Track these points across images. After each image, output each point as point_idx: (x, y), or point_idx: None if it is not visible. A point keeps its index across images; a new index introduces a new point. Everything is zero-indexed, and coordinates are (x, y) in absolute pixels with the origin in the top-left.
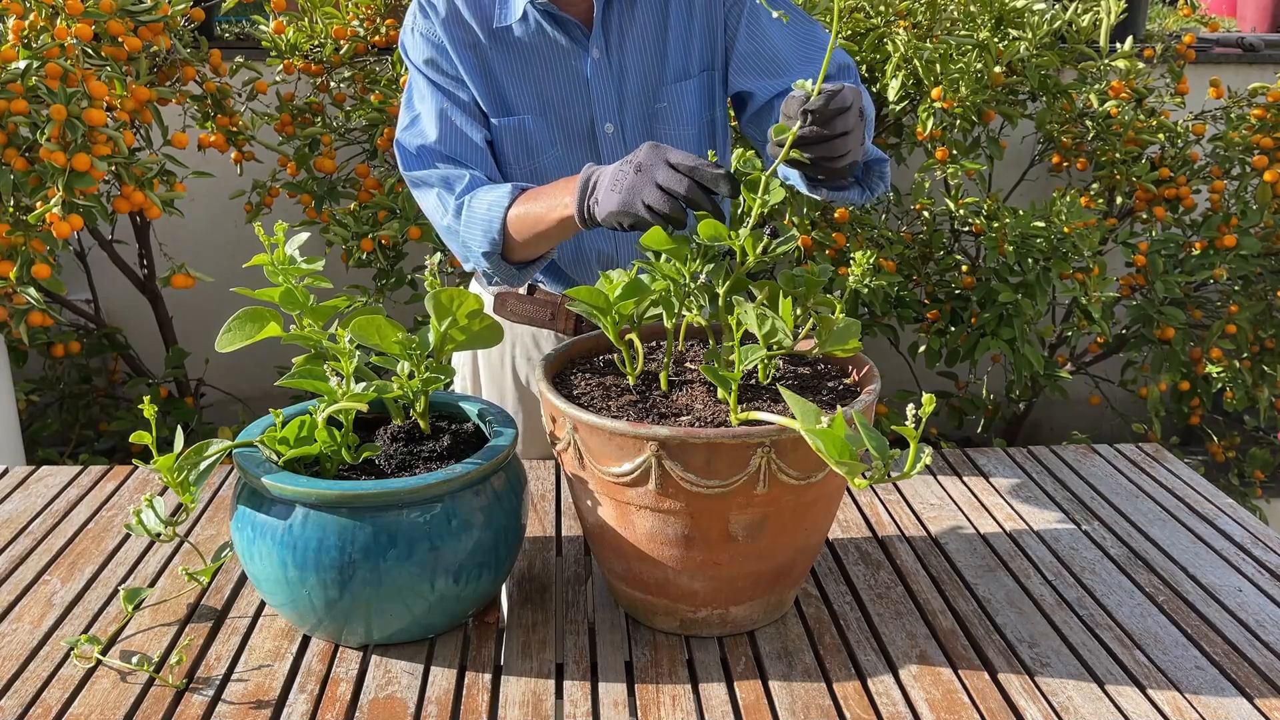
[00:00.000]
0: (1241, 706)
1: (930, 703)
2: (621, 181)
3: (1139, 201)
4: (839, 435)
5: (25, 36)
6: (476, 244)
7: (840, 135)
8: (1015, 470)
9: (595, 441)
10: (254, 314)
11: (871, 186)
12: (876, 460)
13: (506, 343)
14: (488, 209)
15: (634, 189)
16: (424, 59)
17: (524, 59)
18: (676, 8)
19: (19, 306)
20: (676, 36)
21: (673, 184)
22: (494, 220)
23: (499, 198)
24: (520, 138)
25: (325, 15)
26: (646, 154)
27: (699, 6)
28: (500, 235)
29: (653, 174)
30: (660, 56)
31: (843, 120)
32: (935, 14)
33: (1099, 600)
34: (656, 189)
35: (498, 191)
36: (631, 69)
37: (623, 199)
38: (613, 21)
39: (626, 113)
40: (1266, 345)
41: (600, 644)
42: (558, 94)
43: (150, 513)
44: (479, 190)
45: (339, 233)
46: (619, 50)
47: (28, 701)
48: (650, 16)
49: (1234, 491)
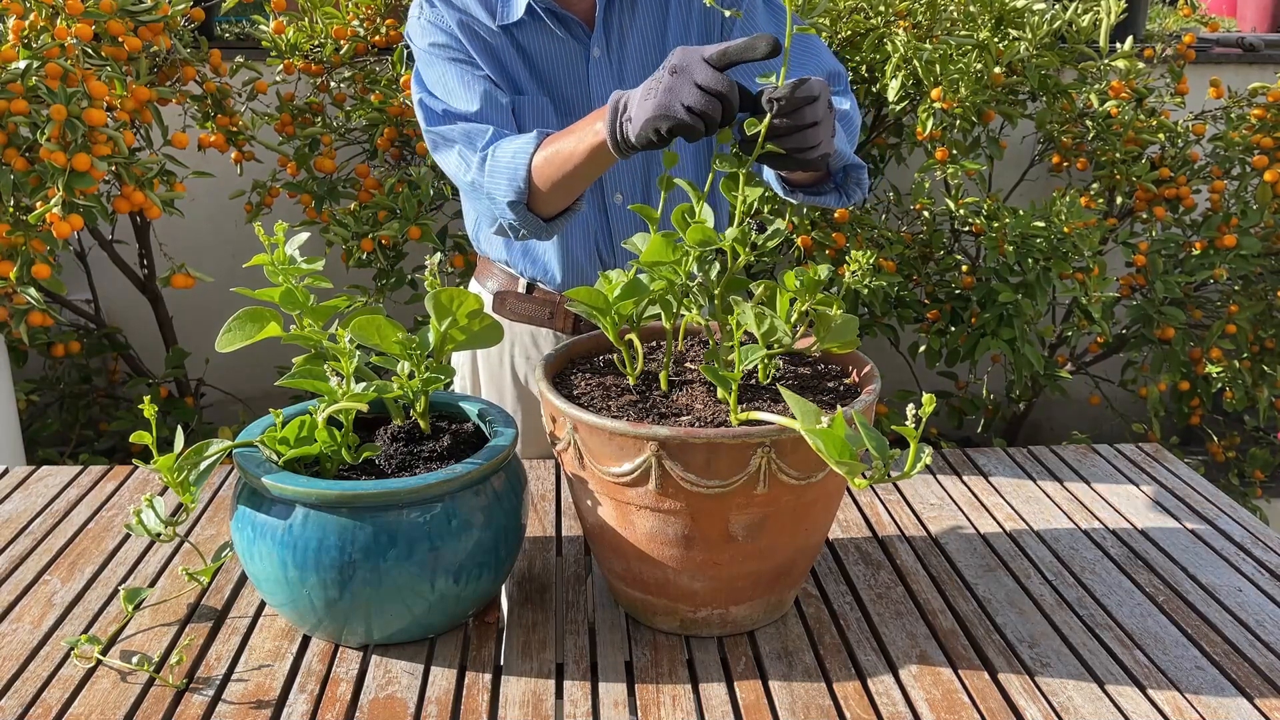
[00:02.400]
0: (1241, 706)
1: (930, 703)
2: (656, 88)
3: (1139, 201)
4: (839, 435)
5: (25, 36)
6: (501, 193)
7: (810, 125)
8: (1015, 470)
9: (595, 441)
10: (254, 314)
11: (849, 193)
12: (876, 460)
13: (506, 342)
14: (512, 156)
15: (671, 90)
16: (431, 42)
17: (528, 56)
18: (676, 8)
19: (19, 306)
20: (675, 38)
21: (712, 83)
22: (519, 167)
23: (524, 144)
24: (540, 117)
25: (325, 15)
26: (680, 56)
27: (698, 7)
28: (526, 183)
29: (691, 75)
30: (659, 57)
31: (811, 110)
32: (935, 14)
33: (1099, 600)
34: (696, 89)
35: (522, 139)
36: (631, 69)
37: (659, 102)
38: (614, 21)
39: None
40: (1266, 345)
41: (600, 644)
42: (560, 91)
43: (150, 513)
44: (502, 141)
45: (339, 233)
46: (619, 50)
47: (28, 701)
48: (650, 17)
49: (1234, 491)
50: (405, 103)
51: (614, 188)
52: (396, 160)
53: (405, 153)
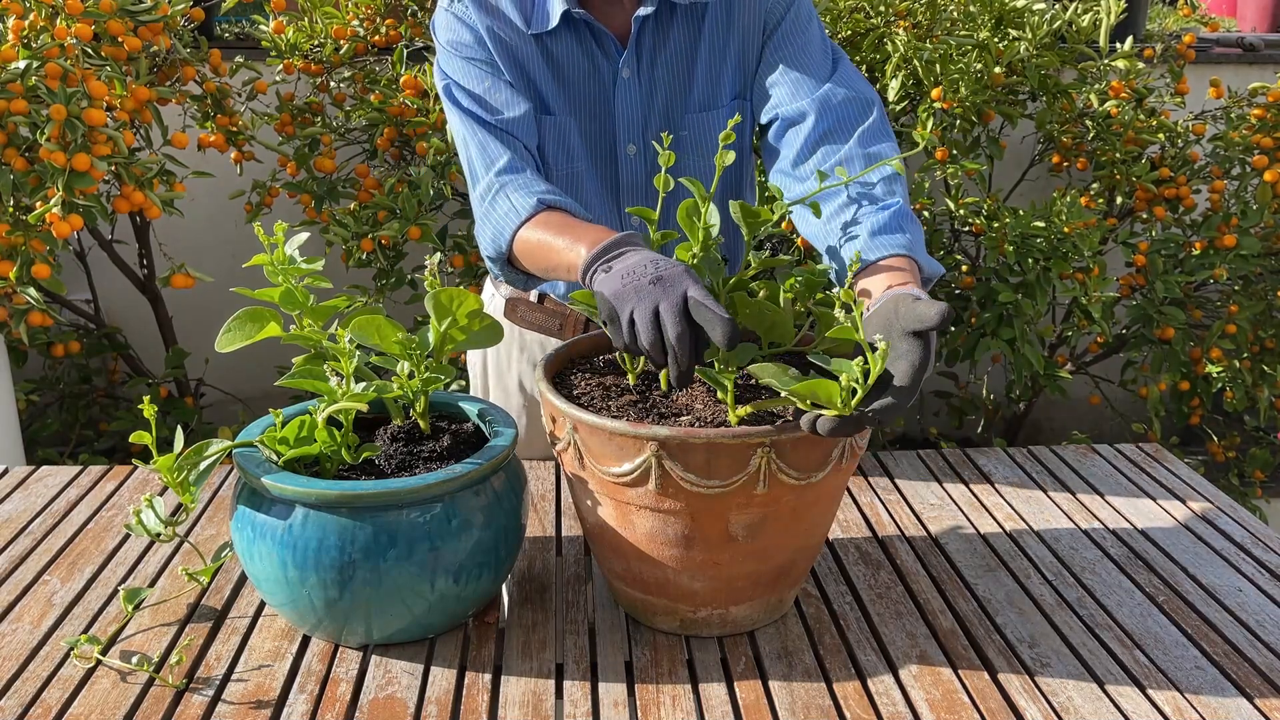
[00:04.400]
0: (1241, 706)
1: (930, 703)
2: (636, 277)
3: (1139, 201)
4: (815, 382)
5: (25, 36)
6: (485, 243)
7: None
8: (1015, 470)
9: (595, 441)
10: (254, 314)
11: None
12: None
13: (515, 347)
14: (503, 216)
15: (638, 292)
16: (451, 40)
17: (557, 67)
18: (710, 34)
19: (19, 306)
20: (706, 64)
21: (669, 321)
22: (505, 231)
23: (518, 208)
24: (560, 138)
25: (325, 15)
26: (677, 272)
27: (736, 33)
28: (507, 248)
29: (665, 294)
30: (688, 83)
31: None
32: (935, 14)
33: (1099, 600)
34: (652, 313)
35: (520, 200)
36: (660, 92)
37: (618, 291)
38: (645, 41)
39: (649, 135)
40: (1266, 345)
41: (600, 644)
42: (587, 108)
43: (150, 513)
44: (509, 185)
45: (339, 233)
46: (649, 71)
47: (28, 701)
48: (683, 41)
49: (1234, 491)
50: (405, 103)
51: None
52: (396, 160)
53: (405, 153)
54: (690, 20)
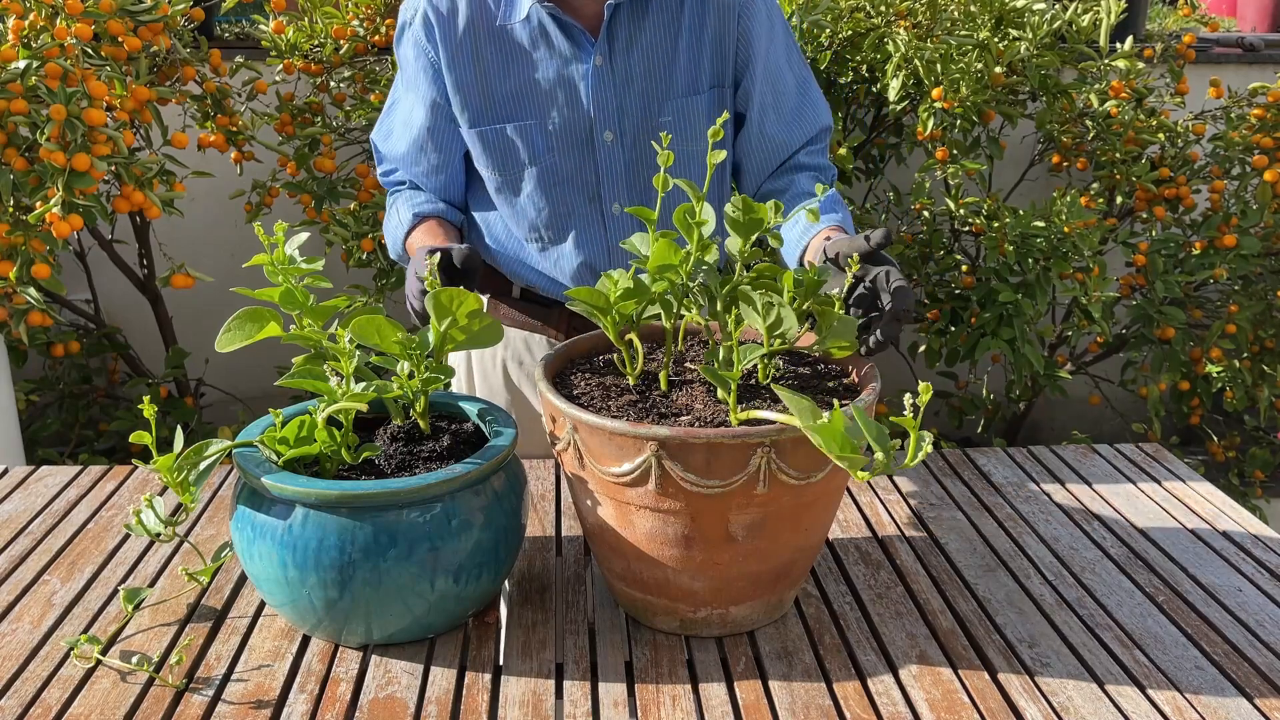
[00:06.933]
0: (1241, 706)
1: (930, 703)
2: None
3: (1139, 201)
4: (838, 429)
5: (25, 36)
6: (390, 247)
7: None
8: (1015, 470)
9: (595, 441)
10: (254, 314)
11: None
12: (878, 452)
13: (499, 344)
14: (394, 228)
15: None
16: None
17: (521, 60)
18: (690, 21)
19: (19, 306)
20: (687, 50)
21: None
22: (398, 241)
23: (404, 221)
24: (501, 146)
25: (325, 15)
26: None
27: (711, 22)
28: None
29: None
30: (669, 69)
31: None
32: (935, 14)
33: (1099, 600)
34: (415, 279)
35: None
36: (637, 79)
37: (408, 285)
38: (619, 30)
39: (626, 122)
40: (1266, 345)
41: (600, 644)
42: (555, 99)
43: (150, 513)
44: (398, 200)
45: (339, 233)
46: (625, 58)
47: (28, 701)
48: (662, 28)
49: (1234, 491)
50: None
51: (611, 198)
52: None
53: None
54: (666, 6)
